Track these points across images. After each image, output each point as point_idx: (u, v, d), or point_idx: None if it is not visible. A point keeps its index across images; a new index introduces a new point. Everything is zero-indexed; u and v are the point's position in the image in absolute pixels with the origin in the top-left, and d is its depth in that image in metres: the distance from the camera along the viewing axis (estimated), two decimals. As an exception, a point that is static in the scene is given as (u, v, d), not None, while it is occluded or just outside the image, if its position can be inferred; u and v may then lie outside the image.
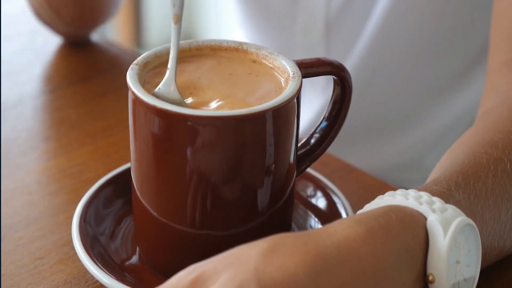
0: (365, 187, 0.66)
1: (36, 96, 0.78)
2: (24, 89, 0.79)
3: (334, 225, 0.45)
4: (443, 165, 0.55)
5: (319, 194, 0.60)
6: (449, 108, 0.90)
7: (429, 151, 0.91)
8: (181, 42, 0.55)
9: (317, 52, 0.88)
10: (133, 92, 0.50)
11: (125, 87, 0.51)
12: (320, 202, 0.60)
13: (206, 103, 0.51)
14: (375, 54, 0.85)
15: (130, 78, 0.50)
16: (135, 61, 0.52)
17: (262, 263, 0.41)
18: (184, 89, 0.51)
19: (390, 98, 0.89)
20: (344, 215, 0.57)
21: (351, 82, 0.54)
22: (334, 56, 0.87)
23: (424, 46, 0.86)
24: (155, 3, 2.46)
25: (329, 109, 0.56)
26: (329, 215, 0.58)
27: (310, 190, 0.61)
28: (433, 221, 0.45)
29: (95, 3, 0.84)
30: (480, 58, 0.87)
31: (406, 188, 0.50)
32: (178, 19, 0.50)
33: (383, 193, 0.50)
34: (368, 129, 0.90)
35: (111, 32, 2.25)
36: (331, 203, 0.59)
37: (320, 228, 0.45)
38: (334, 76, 0.54)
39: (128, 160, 0.62)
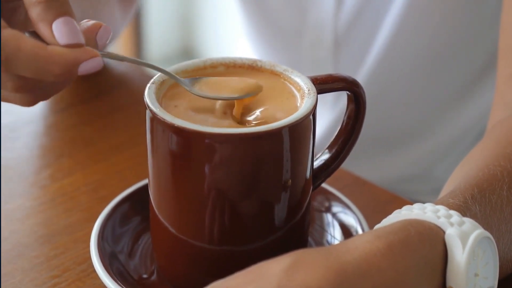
0: (377, 200, 0.67)
1: (48, 114, 0.79)
2: (36, 107, 0.79)
3: (354, 240, 0.45)
4: (457, 178, 0.55)
5: (333, 208, 0.61)
6: (457, 120, 0.90)
7: (438, 163, 0.92)
8: (196, 60, 0.56)
9: (325, 67, 0.89)
10: (151, 111, 0.50)
11: (135, 103, 0.52)
12: (335, 216, 0.60)
13: (221, 119, 0.51)
14: (384, 68, 0.86)
15: (148, 96, 0.51)
16: (152, 80, 0.53)
17: (285, 278, 0.42)
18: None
19: (399, 111, 0.90)
20: (359, 229, 0.58)
21: (365, 97, 0.55)
22: (342, 71, 0.88)
23: (432, 59, 0.86)
24: (156, 18, 2.47)
25: (343, 124, 0.57)
26: (344, 229, 0.59)
27: (325, 205, 0.61)
28: (452, 235, 0.46)
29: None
30: (487, 70, 0.87)
31: (416, 200, 0.50)
32: None
33: (395, 206, 0.50)
34: (376, 141, 0.90)
35: (113, 48, 2.26)
36: (346, 217, 0.60)
37: (340, 243, 0.45)
38: (348, 92, 0.55)
39: (142, 177, 0.63)
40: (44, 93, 0.50)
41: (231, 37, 2.09)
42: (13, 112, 0.78)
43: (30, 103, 0.50)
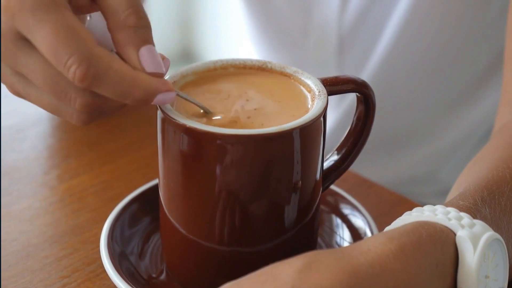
0: (384, 201, 0.67)
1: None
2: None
3: (366, 241, 0.45)
4: (465, 179, 0.55)
5: (342, 210, 0.61)
6: (462, 121, 0.90)
7: (442, 164, 0.92)
8: (206, 61, 0.56)
9: (329, 68, 0.89)
10: (162, 111, 0.50)
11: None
12: (344, 218, 0.61)
13: (234, 120, 0.51)
14: (388, 69, 0.86)
15: (159, 98, 0.51)
16: (163, 81, 0.53)
17: (298, 280, 0.42)
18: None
19: (403, 113, 0.90)
20: (368, 230, 0.58)
21: (374, 99, 0.55)
22: (346, 71, 0.88)
23: (436, 61, 0.86)
24: (155, 20, 2.47)
25: (353, 125, 0.57)
26: (353, 230, 0.59)
27: (333, 206, 0.61)
28: (463, 237, 0.46)
29: None
30: (491, 71, 0.87)
31: (420, 202, 0.50)
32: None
33: (402, 207, 0.51)
34: (381, 143, 0.91)
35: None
36: (355, 219, 0.60)
37: (353, 245, 0.45)
38: (357, 93, 0.55)
39: (149, 178, 0.63)
40: (99, 115, 0.50)
41: (231, 38, 2.09)
42: (20, 113, 0.78)
43: (85, 122, 0.50)
